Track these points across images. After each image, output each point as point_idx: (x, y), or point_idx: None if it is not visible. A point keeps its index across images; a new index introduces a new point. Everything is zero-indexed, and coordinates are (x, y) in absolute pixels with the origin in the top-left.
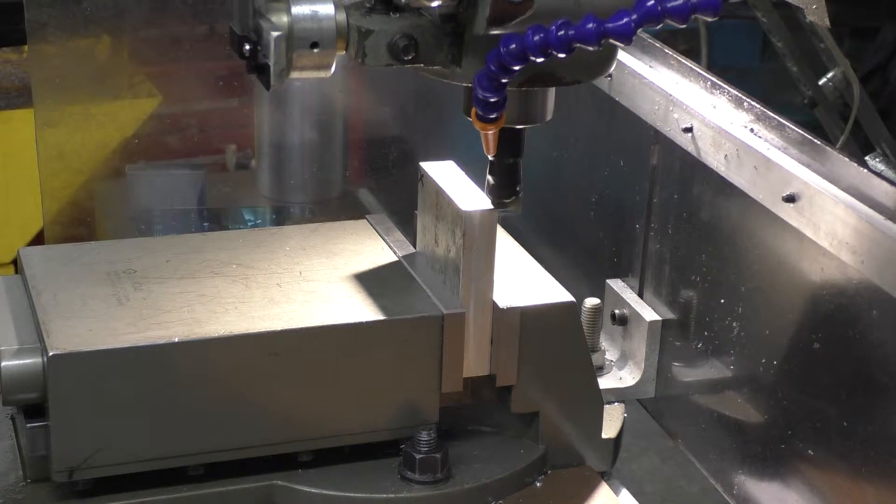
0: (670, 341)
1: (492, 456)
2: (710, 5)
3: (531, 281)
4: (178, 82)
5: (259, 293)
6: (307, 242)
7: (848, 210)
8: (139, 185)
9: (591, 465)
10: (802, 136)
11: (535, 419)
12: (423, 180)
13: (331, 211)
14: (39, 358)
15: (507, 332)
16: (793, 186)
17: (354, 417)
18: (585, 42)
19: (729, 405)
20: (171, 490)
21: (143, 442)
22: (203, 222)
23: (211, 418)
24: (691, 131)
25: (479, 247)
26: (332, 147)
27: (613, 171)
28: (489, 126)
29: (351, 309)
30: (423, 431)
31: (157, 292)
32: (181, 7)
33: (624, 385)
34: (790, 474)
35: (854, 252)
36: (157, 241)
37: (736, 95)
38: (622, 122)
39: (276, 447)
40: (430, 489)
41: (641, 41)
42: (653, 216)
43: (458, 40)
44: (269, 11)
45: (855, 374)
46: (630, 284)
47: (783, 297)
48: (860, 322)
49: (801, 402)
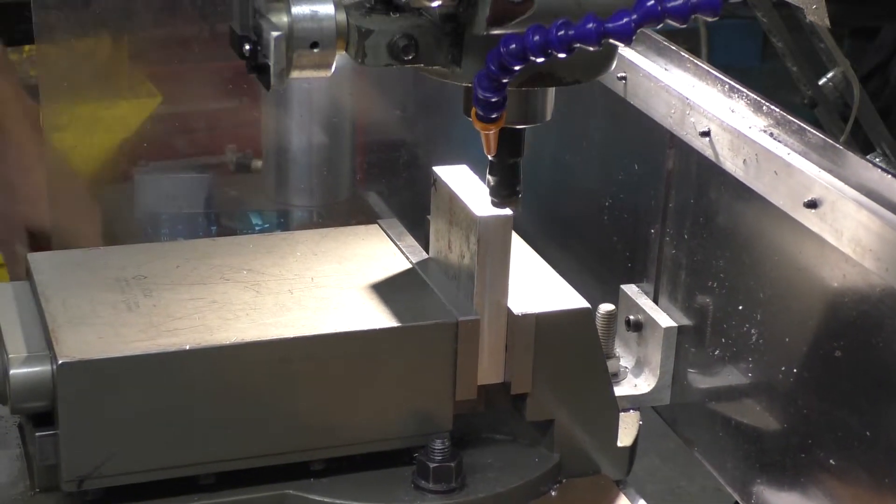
0: (686, 348)
1: (506, 464)
2: (710, 5)
3: (546, 287)
4: (186, 84)
5: (270, 299)
6: (318, 247)
7: (871, 216)
8: (146, 188)
9: (607, 473)
10: (824, 141)
11: (549, 427)
12: (437, 185)
13: (339, 215)
14: (48, 366)
15: (522, 339)
16: (814, 192)
17: (367, 425)
18: (585, 42)
19: (747, 413)
20: (182, 500)
21: (154, 451)
22: (210, 226)
23: (222, 427)
24: (708, 135)
25: (494, 252)
26: (341, 150)
27: (628, 176)
28: (489, 126)
29: (364, 316)
30: (437, 440)
31: (167, 299)
32: (189, 8)
33: (639, 392)
34: (811, 484)
35: (878, 259)
36: (166, 246)
37: (755, 99)
38: (637, 126)
39: (289, 456)
40: (444, 498)
41: (657, 43)
42: (668, 221)
43: (458, 40)
44: (269, 11)
45: (878, 383)
46: (645, 290)
47: (803, 303)
48: (884, 330)
49: (822, 410)
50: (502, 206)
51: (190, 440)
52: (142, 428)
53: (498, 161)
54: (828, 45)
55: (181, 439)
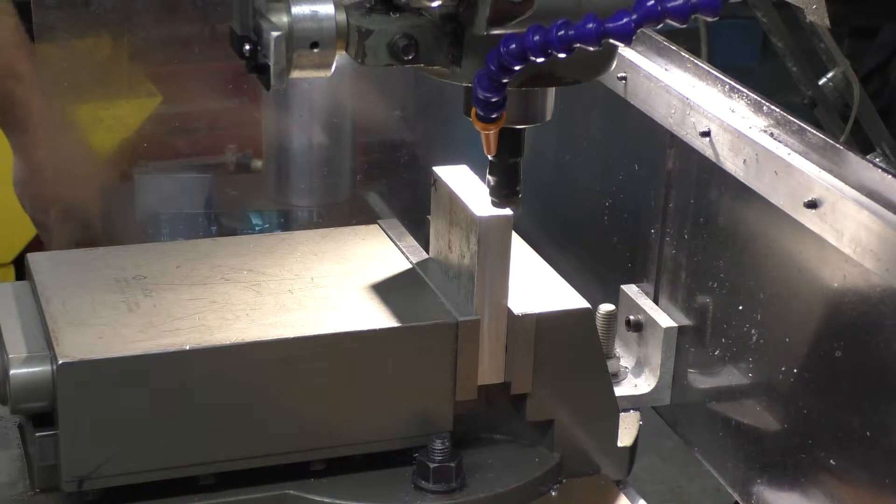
0: (686, 348)
1: (506, 465)
2: (710, 5)
3: (546, 287)
4: (186, 84)
5: (271, 300)
6: (318, 248)
7: (872, 216)
8: (147, 188)
9: (607, 473)
10: (824, 141)
11: (550, 427)
12: (437, 185)
13: (339, 215)
14: (48, 366)
15: (522, 339)
16: (814, 192)
17: (367, 426)
18: (585, 42)
19: (747, 413)
20: (182, 500)
21: (154, 451)
22: (211, 226)
23: (222, 427)
24: (709, 135)
25: (494, 253)
26: (341, 150)
27: (628, 176)
28: (489, 126)
29: (364, 316)
30: (437, 440)
31: (167, 299)
32: (189, 8)
33: (639, 392)
34: (811, 485)
35: (878, 259)
36: (166, 246)
37: (755, 99)
38: (637, 126)
39: (289, 456)
40: (444, 499)
41: (657, 43)
42: (668, 221)
43: (458, 40)
44: (269, 11)
45: (879, 383)
46: (645, 290)
47: (804, 304)
48: (884, 330)
49: (822, 411)
50: (502, 207)
51: (190, 440)
52: (142, 428)
53: (498, 161)
54: (828, 45)
55: (181, 439)
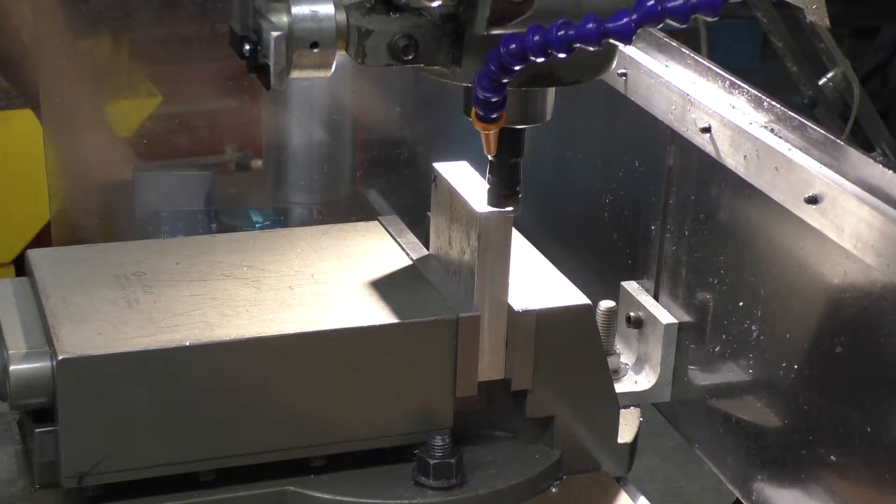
0: (687, 344)
1: (507, 461)
2: (710, 5)
3: (546, 283)
4: (186, 83)
5: (270, 296)
6: (318, 244)
7: (873, 212)
8: (147, 186)
9: (608, 470)
10: (825, 137)
11: (550, 424)
12: (437, 181)
13: (340, 212)
14: (48, 362)
15: (522, 336)
16: (815, 188)
17: (368, 422)
18: (585, 42)
19: (748, 410)
20: (182, 496)
21: (154, 447)
22: (211, 224)
23: (222, 423)
24: (709, 131)
25: (495, 249)
26: (341, 148)
27: (628, 172)
28: (489, 126)
29: (364, 312)
30: (438, 436)
31: (167, 295)
32: (190, 7)
33: (640, 389)
34: (811, 481)
35: (879, 255)
36: (166, 242)
37: (755, 95)
38: (637, 122)
39: (289, 452)
40: (444, 495)
41: (657, 39)
42: (669, 217)
43: (458, 40)
44: (269, 11)
45: (879, 379)
46: (645, 287)
47: (804, 300)
48: (885, 326)
49: (822, 407)
50: (502, 207)
51: (190, 436)
52: (142, 424)
53: (498, 161)
54: (828, 45)
55: (181, 436)
